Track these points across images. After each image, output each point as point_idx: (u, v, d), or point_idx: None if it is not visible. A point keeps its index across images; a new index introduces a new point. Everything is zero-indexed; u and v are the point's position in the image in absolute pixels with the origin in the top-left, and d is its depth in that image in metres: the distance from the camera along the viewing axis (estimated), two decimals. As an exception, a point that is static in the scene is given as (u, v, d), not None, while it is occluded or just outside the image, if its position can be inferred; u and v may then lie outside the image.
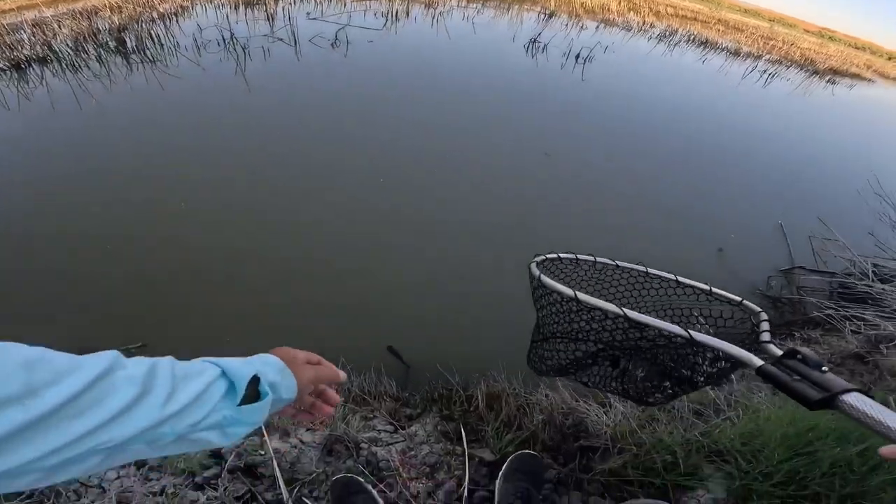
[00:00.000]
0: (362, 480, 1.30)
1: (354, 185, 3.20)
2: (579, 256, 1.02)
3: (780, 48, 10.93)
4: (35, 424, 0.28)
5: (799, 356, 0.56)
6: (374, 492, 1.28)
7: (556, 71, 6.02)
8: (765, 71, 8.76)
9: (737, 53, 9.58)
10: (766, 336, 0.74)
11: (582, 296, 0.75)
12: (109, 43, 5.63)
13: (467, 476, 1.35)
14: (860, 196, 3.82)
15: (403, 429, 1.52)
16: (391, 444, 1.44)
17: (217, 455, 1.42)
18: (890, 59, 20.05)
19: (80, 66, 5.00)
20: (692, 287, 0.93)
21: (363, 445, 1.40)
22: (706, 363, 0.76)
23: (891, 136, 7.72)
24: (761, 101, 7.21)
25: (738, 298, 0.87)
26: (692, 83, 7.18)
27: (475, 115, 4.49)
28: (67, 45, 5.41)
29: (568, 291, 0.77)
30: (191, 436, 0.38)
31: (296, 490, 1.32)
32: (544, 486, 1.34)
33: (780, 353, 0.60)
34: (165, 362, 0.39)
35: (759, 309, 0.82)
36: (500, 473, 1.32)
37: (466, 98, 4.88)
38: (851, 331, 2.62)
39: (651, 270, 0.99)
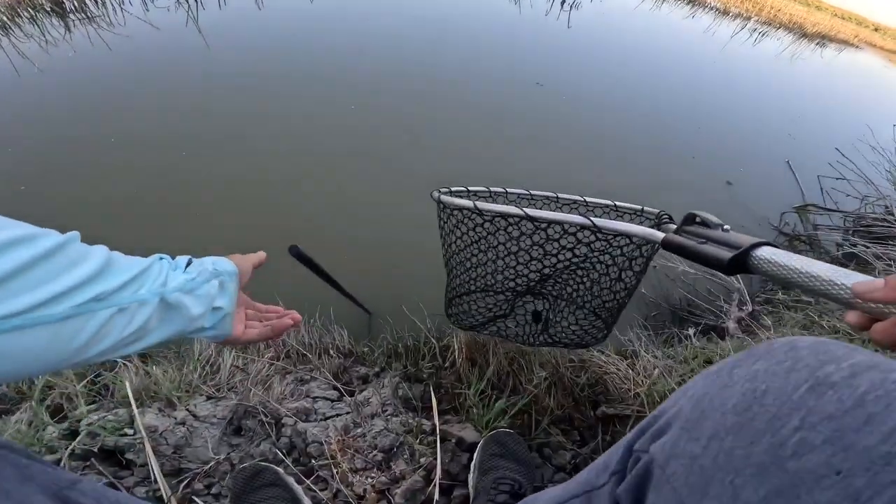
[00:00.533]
0: (280, 471, 0.83)
1: (325, 114, 2.74)
2: (491, 189, 0.98)
3: (769, 11, 10.52)
4: (39, 262, 0.32)
5: (698, 219, 0.53)
6: (297, 487, 0.82)
7: (540, 17, 5.47)
8: (755, 30, 8.33)
9: (725, 13, 9.10)
10: (665, 220, 0.76)
11: (482, 205, 0.72)
12: (45, 6, 4.93)
13: (439, 466, 0.89)
14: (854, 147, 3.60)
15: (351, 395, 1.06)
16: (329, 417, 0.98)
17: (75, 434, 0.94)
18: (876, 30, 19.75)
19: (11, 28, 4.34)
20: (599, 205, 0.93)
21: (287, 421, 0.94)
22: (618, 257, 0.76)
23: (880, 96, 7.52)
24: (750, 59, 6.80)
25: (639, 206, 0.88)
26: (684, 36, 6.70)
27: (452, 59, 3.96)
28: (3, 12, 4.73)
29: (468, 203, 0.73)
30: (169, 297, 0.42)
31: (182, 485, 0.85)
32: (535, 476, 0.89)
33: (674, 227, 0.57)
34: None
35: (659, 210, 0.82)
36: (473, 464, 0.86)
37: (443, 42, 4.33)
38: (884, 271, 2.34)
39: (560, 195, 0.96)
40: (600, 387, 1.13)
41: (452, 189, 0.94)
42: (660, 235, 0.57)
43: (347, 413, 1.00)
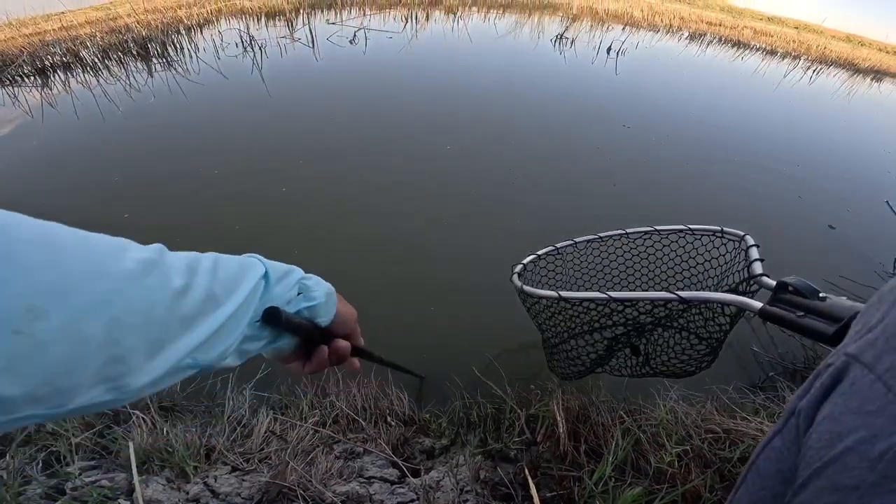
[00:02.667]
0: None
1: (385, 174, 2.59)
2: (558, 246, 1.00)
3: (816, 50, 10.12)
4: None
5: (791, 288, 0.51)
6: None
7: (586, 65, 5.33)
8: (808, 68, 7.88)
9: (772, 53, 8.73)
10: (757, 267, 0.69)
11: (566, 293, 0.72)
12: (133, 50, 5.41)
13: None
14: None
15: (416, 475, 0.78)
16: (390, 508, 0.70)
17: (63, 493, 0.70)
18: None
19: (101, 70, 4.73)
20: (672, 231, 0.91)
21: (333, 512, 0.67)
22: (715, 313, 0.71)
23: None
24: (809, 99, 6.37)
25: (718, 227, 0.85)
26: (737, 78, 6.32)
27: (504, 107, 3.81)
28: (95, 55, 5.21)
29: (552, 294, 0.74)
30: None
31: None
32: None
33: (773, 283, 0.55)
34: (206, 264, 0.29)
35: (742, 233, 0.79)
36: None
37: (494, 89, 4.24)
38: None
39: (629, 231, 0.95)
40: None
41: (525, 262, 0.95)
42: (756, 306, 0.54)
43: (413, 501, 0.72)
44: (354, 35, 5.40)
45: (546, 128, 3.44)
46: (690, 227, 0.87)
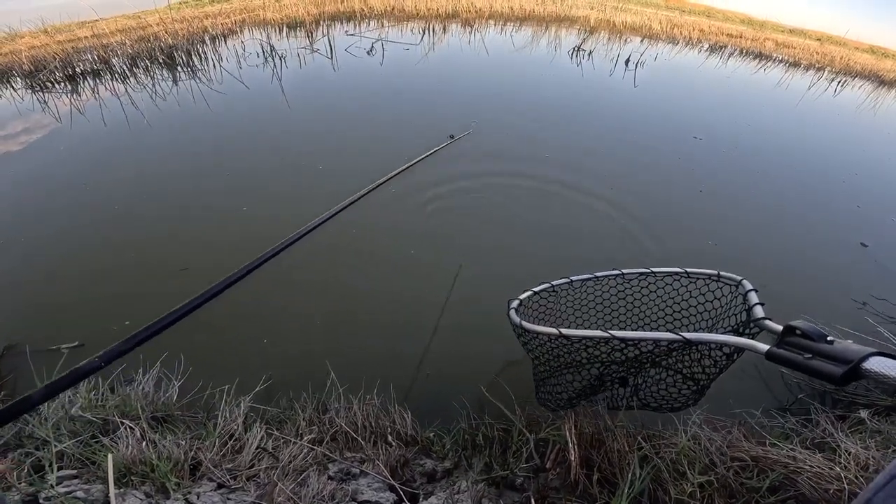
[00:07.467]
0: None
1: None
2: (554, 283, 1.00)
3: (840, 61, 9.84)
4: None
5: (798, 331, 0.51)
6: None
7: (604, 77, 5.23)
8: (833, 79, 7.65)
9: (796, 65, 8.50)
10: (759, 311, 0.69)
11: (566, 331, 0.72)
12: (160, 58, 5.57)
13: None
14: None
15: (414, 501, 0.72)
16: (384, 538, 0.64)
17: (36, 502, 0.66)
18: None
19: (129, 77, 4.88)
20: (669, 273, 0.91)
21: (323, 540, 0.61)
22: (714, 352, 0.71)
23: None
24: (836, 111, 6.14)
25: (715, 272, 0.85)
26: (761, 91, 6.10)
27: (525, 120, 3.73)
28: (124, 62, 5.39)
29: (552, 331, 0.74)
30: None
31: None
32: None
33: (778, 327, 0.56)
34: None
35: (740, 277, 0.79)
36: None
37: (511, 102, 4.18)
38: None
39: (625, 271, 0.96)
40: (788, 490, 0.73)
41: (521, 297, 0.94)
42: (762, 348, 0.54)
43: (409, 532, 0.66)
44: (372, 46, 5.47)
45: (568, 139, 3.35)
46: (687, 269, 0.88)
